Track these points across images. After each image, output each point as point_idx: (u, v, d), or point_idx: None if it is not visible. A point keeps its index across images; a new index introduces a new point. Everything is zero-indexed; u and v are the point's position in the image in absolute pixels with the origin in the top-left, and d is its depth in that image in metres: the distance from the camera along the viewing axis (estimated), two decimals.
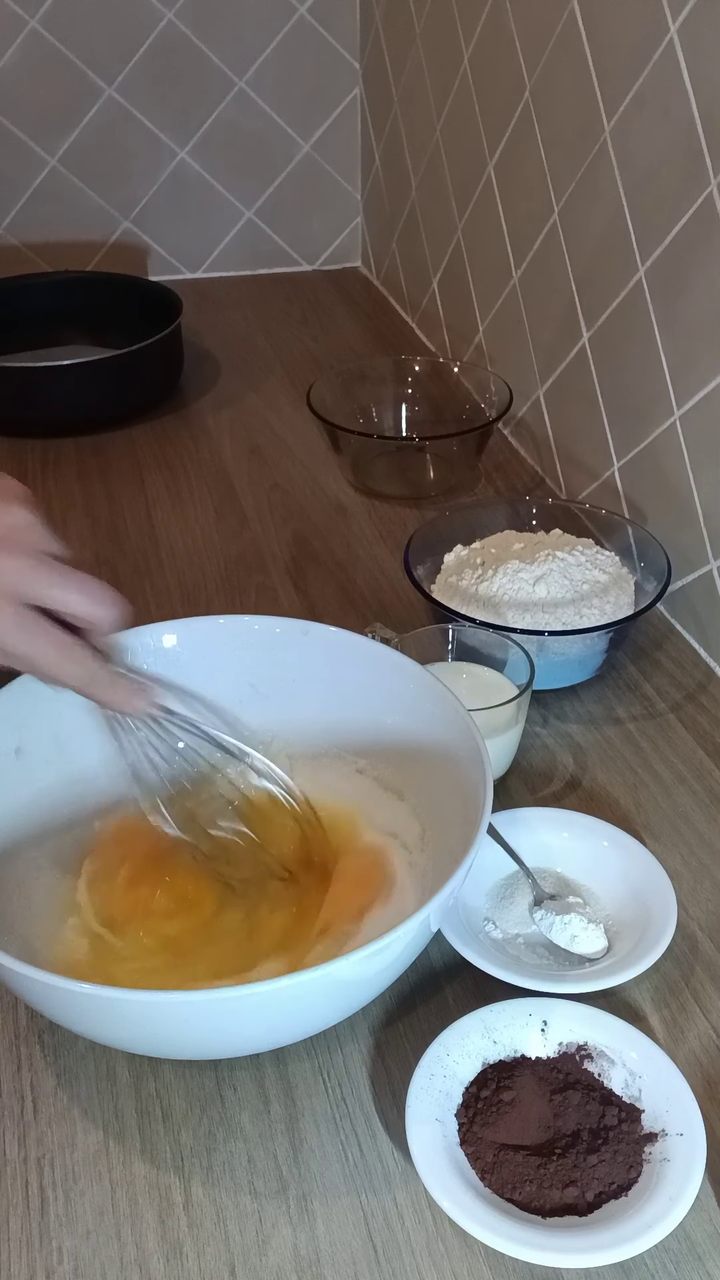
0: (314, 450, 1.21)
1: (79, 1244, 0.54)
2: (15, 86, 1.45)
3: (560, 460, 1.13)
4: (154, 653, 0.72)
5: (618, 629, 0.84)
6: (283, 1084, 0.61)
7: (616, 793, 0.79)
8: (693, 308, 0.87)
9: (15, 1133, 0.59)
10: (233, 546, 1.06)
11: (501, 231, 1.18)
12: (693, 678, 0.89)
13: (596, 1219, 0.53)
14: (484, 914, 0.68)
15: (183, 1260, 0.54)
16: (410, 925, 0.53)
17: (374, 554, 1.04)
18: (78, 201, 1.55)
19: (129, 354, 1.21)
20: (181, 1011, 0.51)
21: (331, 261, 1.69)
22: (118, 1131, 0.59)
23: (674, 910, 0.66)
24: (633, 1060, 0.59)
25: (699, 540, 0.90)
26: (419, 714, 0.68)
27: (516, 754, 0.80)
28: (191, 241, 1.63)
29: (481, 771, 0.61)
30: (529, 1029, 0.60)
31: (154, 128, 1.53)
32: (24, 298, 1.39)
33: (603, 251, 0.99)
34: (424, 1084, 0.57)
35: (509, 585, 0.86)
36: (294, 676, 0.73)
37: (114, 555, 1.04)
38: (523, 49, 1.08)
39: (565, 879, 0.71)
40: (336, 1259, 0.54)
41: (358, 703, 0.72)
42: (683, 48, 0.83)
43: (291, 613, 0.90)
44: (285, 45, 1.51)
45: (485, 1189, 0.54)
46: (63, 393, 1.21)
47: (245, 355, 1.41)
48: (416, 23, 1.32)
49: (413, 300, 1.50)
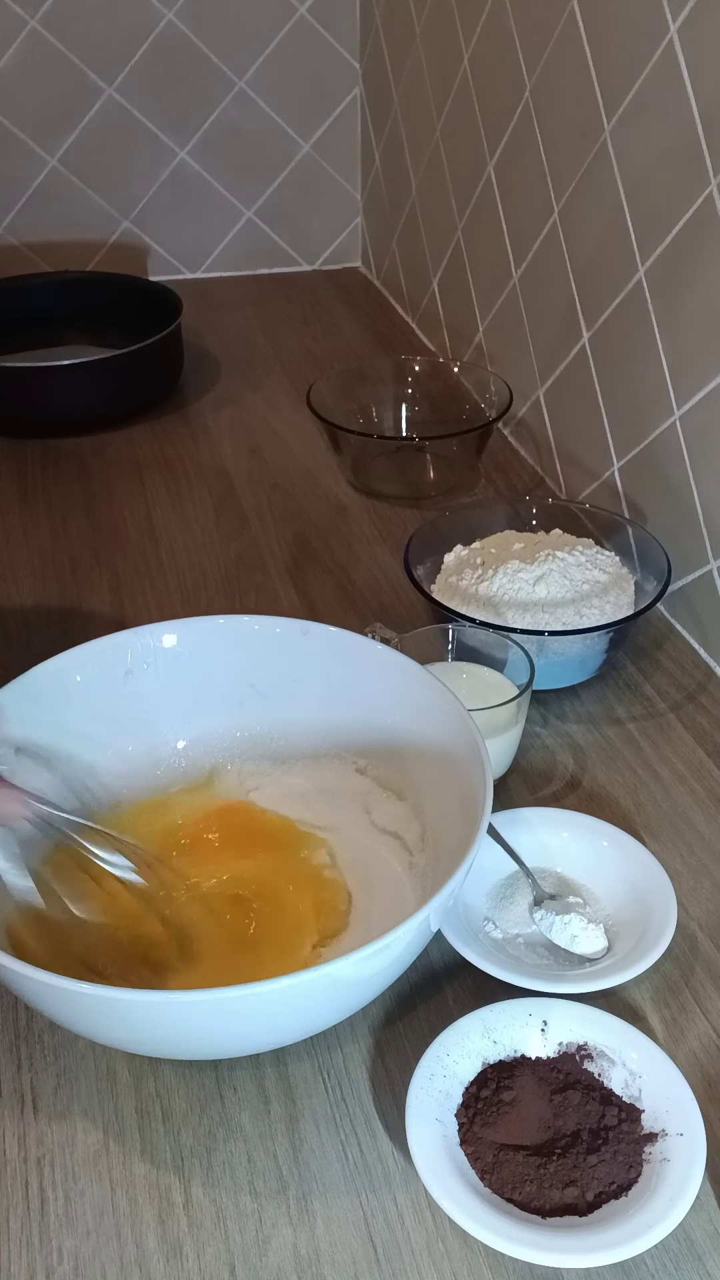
0: (314, 450, 1.21)
1: (79, 1244, 0.54)
2: (15, 86, 1.45)
3: (560, 460, 1.13)
4: (154, 653, 0.72)
5: (618, 629, 0.84)
6: (283, 1084, 0.61)
7: (616, 793, 0.79)
8: (693, 308, 0.87)
9: (15, 1133, 0.59)
10: (233, 546, 1.06)
11: (501, 231, 1.18)
12: (693, 678, 0.89)
13: (596, 1219, 0.53)
14: (484, 914, 0.68)
15: (183, 1260, 0.54)
16: (410, 925, 0.53)
17: (374, 554, 1.04)
18: (78, 201, 1.55)
19: (129, 354, 1.21)
20: (181, 1011, 0.52)
21: (331, 261, 1.69)
22: (118, 1131, 0.59)
23: (674, 910, 0.66)
24: (633, 1060, 0.59)
25: (699, 540, 0.90)
26: (419, 714, 0.68)
27: (516, 754, 0.80)
28: (191, 241, 1.63)
29: (481, 772, 0.61)
30: (529, 1029, 0.60)
31: (154, 128, 1.53)
32: (24, 298, 1.39)
33: (603, 251, 0.99)
34: (424, 1084, 0.57)
35: (509, 585, 0.86)
36: (294, 676, 0.73)
37: (114, 555, 1.04)
38: (523, 49, 1.08)
39: (565, 879, 0.71)
40: (336, 1259, 0.54)
41: (358, 703, 0.72)
42: (683, 48, 0.83)
43: (291, 613, 0.90)
44: (285, 45, 1.51)
45: (485, 1189, 0.54)
46: (63, 393, 1.21)
47: (245, 355, 1.41)
48: (416, 23, 1.32)
49: (413, 300, 1.50)
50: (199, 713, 0.74)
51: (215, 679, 0.73)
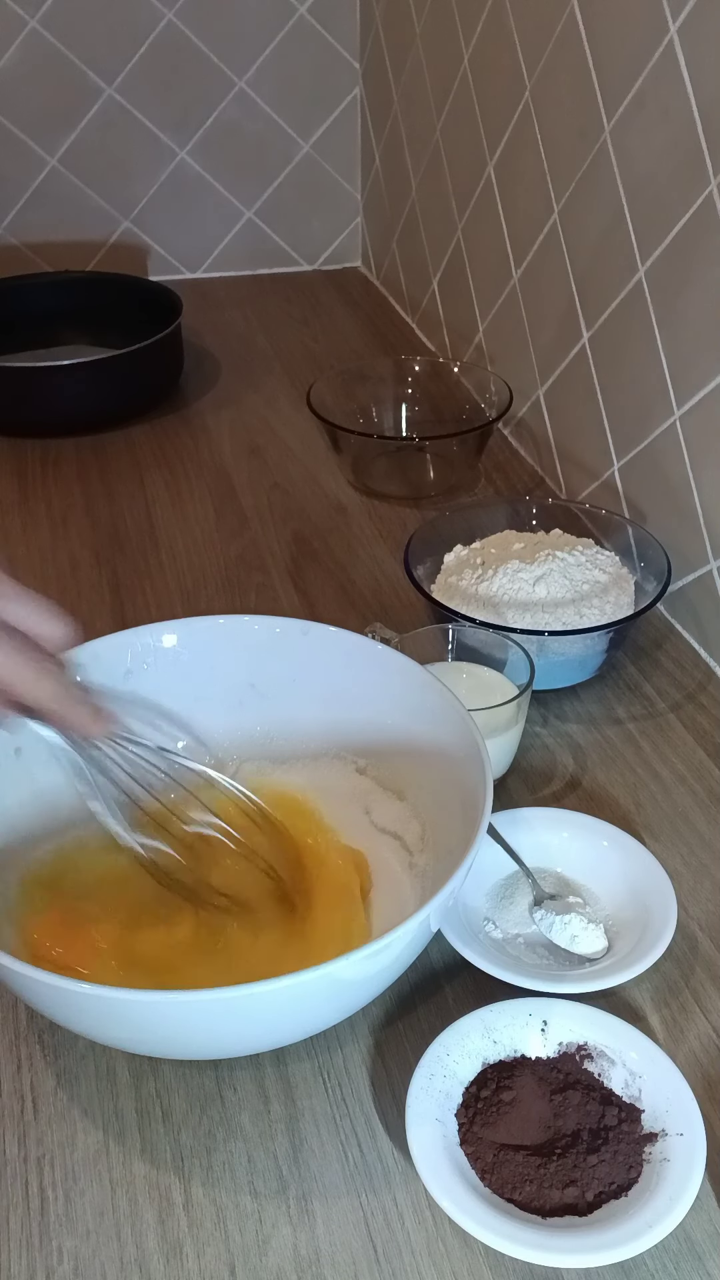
0: (314, 450, 1.21)
1: (79, 1244, 0.54)
2: (15, 86, 1.45)
3: (560, 460, 1.13)
4: (154, 653, 0.72)
5: (618, 629, 0.84)
6: (283, 1084, 0.61)
7: (616, 793, 0.79)
8: (693, 308, 0.87)
9: (15, 1133, 0.59)
10: (233, 546, 1.06)
11: (501, 231, 1.18)
12: (693, 678, 0.89)
13: (596, 1219, 0.53)
14: (484, 914, 0.68)
15: (183, 1260, 0.54)
16: (410, 925, 0.53)
17: (374, 554, 1.04)
18: (78, 201, 1.55)
19: (129, 354, 1.21)
20: (181, 1011, 0.51)
21: (331, 261, 1.69)
22: (118, 1131, 0.59)
23: (674, 910, 0.66)
24: (633, 1060, 0.59)
25: (699, 540, 0.90)
26: (419, 714, 0.68)
27: (516, 754, 0.80)
28: (191, 241, 1.63)
29: (482, 771, 0.61)
30: (529, 1029, 0.60)
31: (154, 128, 1.53)
32: (24, 298, 1.39)
33: (603, 251, 0.99)
34: (424, 1084, 0.57)
35: (509, 585, 0.86)
36: (294, 676, 0.73)
37: (114, 555, 1.04)
38: (523, 49, 1.08)
39: (565, 879, 0.71)
40: (336, 1259, 0.54)
41: (358, 703, 0.72)
42: (683, 48, 0.83)
43: (291, 613, 0.90)
44: (285, 45, 1.51)
45: (485, 1189, 0.54)
46: (63, 393, 1.21)
47: (245, 355, 1.41)
48: (416, 23, 1.32)
49: (413, 300, 1.50)
50: (199, 713, 0.74)
51: (215, 679, 0.73)
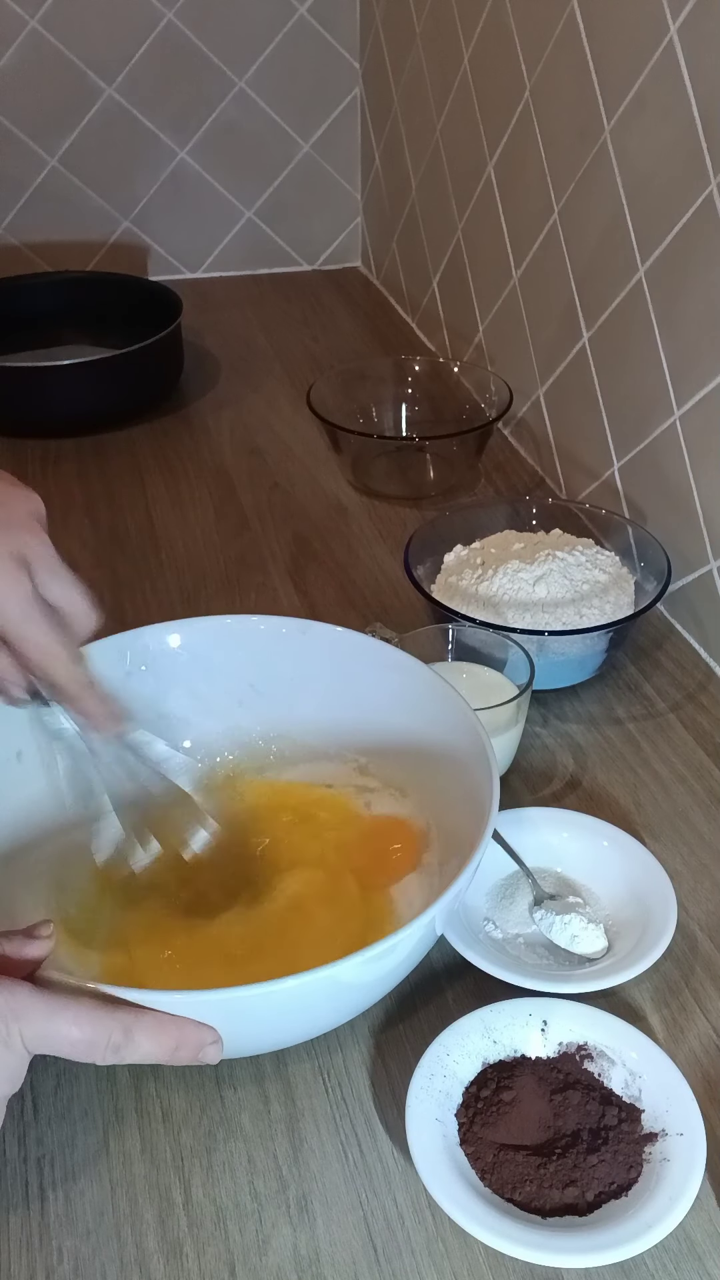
0: (314, 450, 1.21)
1: (79, 1244, 0.54)
2: (15, 86, 1.45)
3: (560, 460, 1.13)
4: (155, 653, 0.72)
5: (618, 629, 0.84)
6: (283, 1084, 0.61)
7: (616, 793, 0.79)
8: (693, 308, 0.87)
9: (15, 1133, 0.59)
10: (233, 546, 1.06)
11: (501, 231, 1.18)
12: (693, 678, 0.89)
13: (596, 1219, 0.53)
14: (484, 914, 0.68)
15: (183, 1260, 0.54)
16: (414, 928, 0.52)
17: (374, 554, 1.04)
18: (78, 201, 1.55)
19: (129, 354, 1.21)
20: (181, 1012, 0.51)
21: (331, 261, 1.69)
22: (118, 1131, 0.59)
23: (674, 910, 0.66)
24: (633, 1060, 0.59)
25: (699, 540, 0.90)
26: (422, 712, 0.68)
27: (516, 754, 0.80)
28: (191, 241, 1.63)
29: (488, 771, 0.60)
30: (529, 1029, 0.60)
31: (154, 128, 1.53)
32: (24, 298, 1.39)
33: (603, 251, 0.99)
34: (424, 1084, 0.57)
35: (509, 585, 0.86)
36: (294, 676, 0.73)
37: (114, 555, 1.04)
38: (523, 49, 1.08)
39: (565, 879, 0.71)
40: (336, 1259, 0.54)
41: (359, 701, 0.72)
42: (683, 48, 0.83)
43: (291, 613, 0.90)
44: (285, 45, 1.51)
45: (485, 1189, 0.54)
46: (63, 393, 1.21)
47: (245, 355, 1.41)
48: (416, 23, 1.32)
49: (413, 300, 1.50)
50: (199, 713, 0.74)
51: (215, 679, 0.73)
